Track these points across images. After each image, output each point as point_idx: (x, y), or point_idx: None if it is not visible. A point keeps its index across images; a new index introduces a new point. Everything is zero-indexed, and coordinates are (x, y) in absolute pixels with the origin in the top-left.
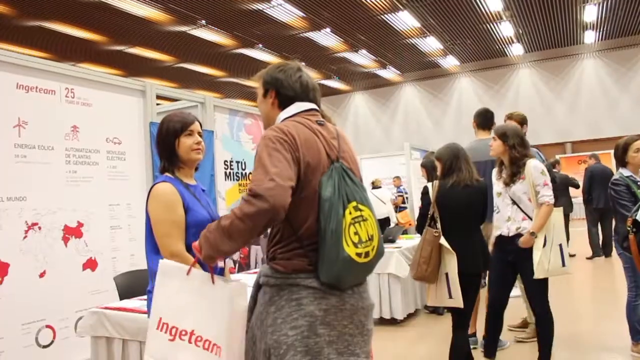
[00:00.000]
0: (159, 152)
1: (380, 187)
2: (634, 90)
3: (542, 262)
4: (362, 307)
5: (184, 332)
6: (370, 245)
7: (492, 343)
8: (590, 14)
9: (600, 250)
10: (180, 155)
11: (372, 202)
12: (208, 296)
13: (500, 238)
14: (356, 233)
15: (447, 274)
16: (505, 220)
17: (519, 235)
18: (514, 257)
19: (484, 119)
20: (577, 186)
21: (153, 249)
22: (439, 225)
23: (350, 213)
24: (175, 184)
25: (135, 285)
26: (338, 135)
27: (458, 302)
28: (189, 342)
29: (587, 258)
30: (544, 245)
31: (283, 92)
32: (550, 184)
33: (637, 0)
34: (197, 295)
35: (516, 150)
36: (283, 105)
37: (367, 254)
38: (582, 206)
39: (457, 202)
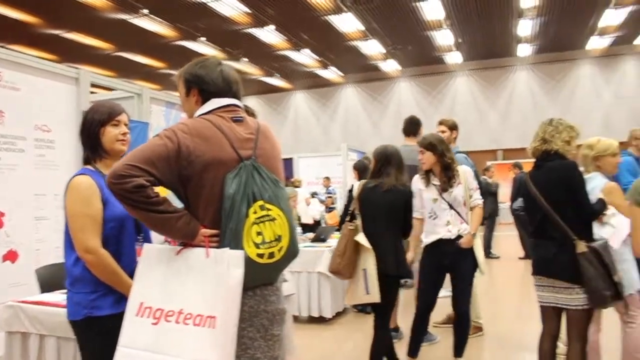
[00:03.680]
0: (83, 141)
1: (298, 187)
2: (562, 102)
3: (480, 260)
4: (264, 310)
5: (170, 313)
6: (277, 245)
7: (415, 343)
8: (524, 28)
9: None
10: (104, 145)
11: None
12: (200, 271)
13: (438, 242)
14: (259, 233)
15: (364, 270)
16: (444, 225)
17: (459, 236)
18: (451, 259)
19: (409, 127)
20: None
21: (70, 244)
22: (358, 221)
23: (255, 212)
24: (94, 177)
25: (58, 278)
26: (258, 132)
27: (375, 297)
28: (177, 322)
29: (520, 258)
30: None
31: (206, 89)
32: (479, 188)
33: (568, 18)
34: (187, 274)
35: (446, 157)
36: (204, 102)
37: (271, 255)
38: (508, 211)
39: (376, 203)
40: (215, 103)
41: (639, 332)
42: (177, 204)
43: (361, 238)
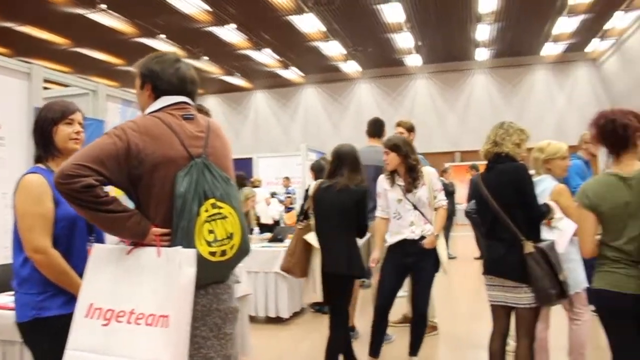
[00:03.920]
0: (35, 139)
1: (258, 186)
2: (517, 105)
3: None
4: (217, 309)
5: (121, 313)
6: (229, 243)
7: (377, 343)
8: (482, 32)
9: None
10: (57, 144)
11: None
12: (152, 270)
13: (401, 242)
14: (211, 231)
15: (314, 270)
16: (408, 225)
17: (422, 237)
18: (414, 260)
19: (373, 128)
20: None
21: (19, 244)
22: (310, 221)
23: (206, 210)
24: (45, 175)
25: (5, 279)
26: (209, 130)
27: (318, 297)
28: (128, 322)
29: (476, 258)
30: None
31: (159, 86)
32: (443, 189)
33: (524, 24)
34: (138, 273)
35: (411, 159)
36: (157, 98)
37: (223, 253)
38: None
39: (329, 203)
40: (165, 100)
41: (584, 329)
42: (129, 204)
43: (310, 237)
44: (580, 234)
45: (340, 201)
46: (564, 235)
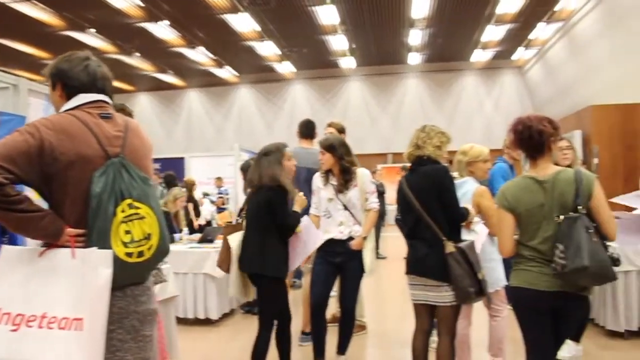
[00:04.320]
0: None
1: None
2: (448, 109)
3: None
4: (134, 311)
5: (32, 318)
6: (146, 244)
7: (318, 342)
8: (414, 37)
9: None
10: None
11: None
12: (66, 272)
13: (329, 242)
14: (128, 232)
15: None
16: (337, 225)
17: (350, 238)
18: (342, 259)
19: (305, 129)
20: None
21: None
22: (243, 221)
23: (123, 211)
24: None
25: None
26: (127, 129)
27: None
28: (39, 326)
29: (405, 258)
30: None
31: (69, 84)
32: (376, 192)
33: (454, 31)
34: (51, 275)
35: (345, 160)
36: (70, 97)
37: (140, 254)
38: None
39: (251, 204)
40: (81, 98)
41: (503, 325)
42: (43, 204)
43: (232, 236)
44: (499, 234)
45: (256, 202)
46: (480, 238)
